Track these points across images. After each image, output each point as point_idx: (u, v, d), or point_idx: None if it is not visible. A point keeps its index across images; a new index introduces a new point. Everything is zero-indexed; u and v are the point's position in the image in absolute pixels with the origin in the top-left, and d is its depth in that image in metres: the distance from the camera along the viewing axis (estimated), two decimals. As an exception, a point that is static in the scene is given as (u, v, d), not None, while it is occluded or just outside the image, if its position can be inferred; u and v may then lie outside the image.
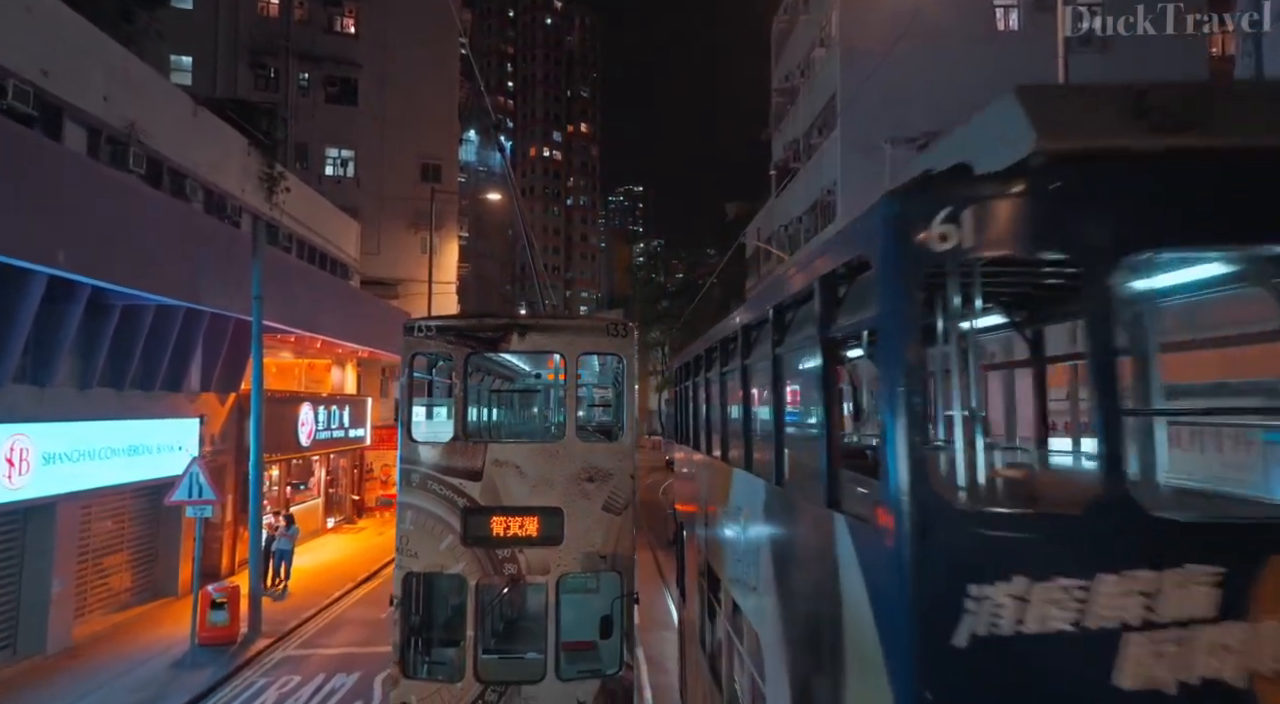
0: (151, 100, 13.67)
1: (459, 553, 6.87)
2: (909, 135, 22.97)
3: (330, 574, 16.96)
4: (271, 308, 15.93)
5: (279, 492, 19.60)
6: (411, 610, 7.21)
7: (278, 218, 19.05)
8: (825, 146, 24.69)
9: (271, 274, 16.14)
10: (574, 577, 7.15)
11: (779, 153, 30.46)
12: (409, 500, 6.97)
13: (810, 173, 26.44)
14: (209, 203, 15.71)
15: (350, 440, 23.27)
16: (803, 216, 27.26)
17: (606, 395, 13.43)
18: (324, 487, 22.79)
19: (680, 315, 58.71)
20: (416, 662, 7.38)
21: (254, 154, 17.76)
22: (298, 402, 19.25)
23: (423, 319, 7.65)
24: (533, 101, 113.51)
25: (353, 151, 29.42)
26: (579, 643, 7.52)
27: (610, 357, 8.57)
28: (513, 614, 9.60)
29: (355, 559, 18.77)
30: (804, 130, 27.20)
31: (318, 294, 19.27)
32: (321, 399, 20.98)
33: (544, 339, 7.52)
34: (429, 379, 9.08)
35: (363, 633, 12.85)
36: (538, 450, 7.47)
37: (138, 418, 12.93)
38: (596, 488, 7.02)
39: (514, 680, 6.92)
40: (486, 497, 6.92)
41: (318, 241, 22.26)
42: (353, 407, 23.40)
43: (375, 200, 29.42)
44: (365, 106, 29.55)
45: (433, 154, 30.44)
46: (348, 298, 21.78)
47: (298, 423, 19.11)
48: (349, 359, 24.55)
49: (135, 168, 12.56)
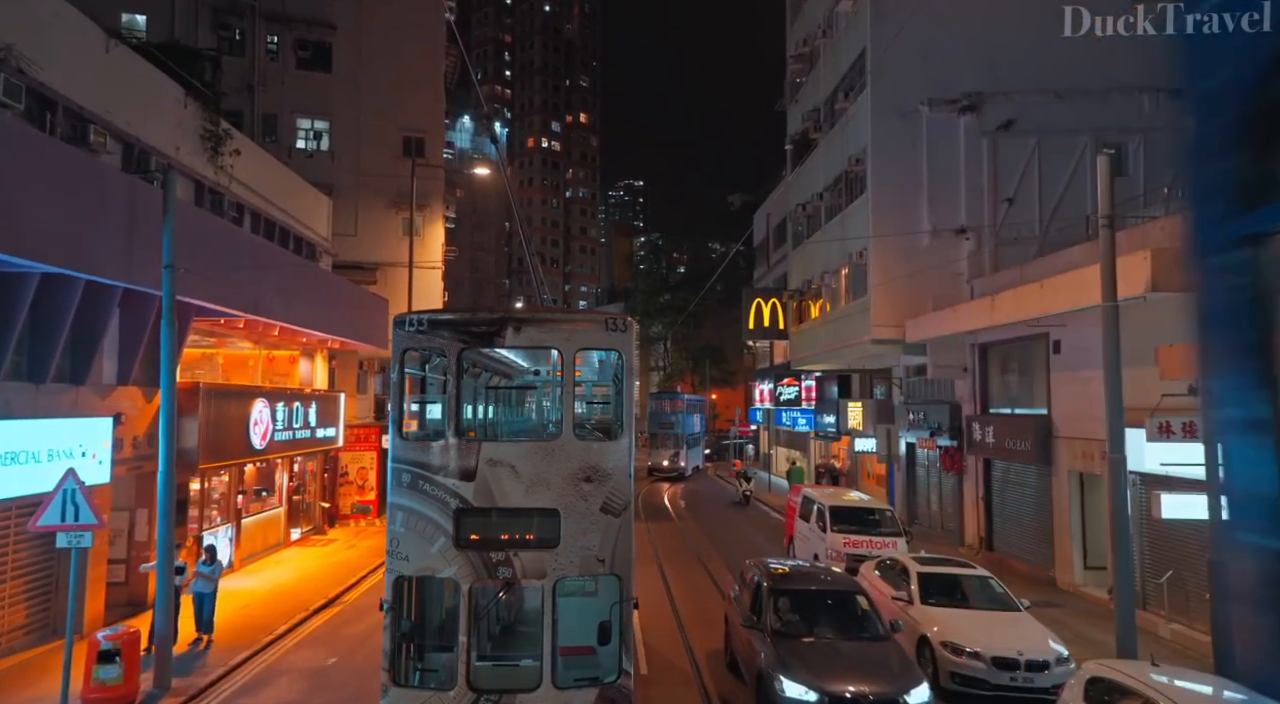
0: (42, 23, 11.01)
1: (451, 556, 6.70)
2: (949, 96, 20.37)
3: (280, 601, 14.34)
4: (207, 285, 13.35)
5: (228, 503, 16.98)
6: (402, 615, 7.00)
7: (224, 184, 16.39)
8: (852, 111, 22.02)
9: (207, 245, 13.53)
10: (571, 580, 6.98)
11: (796, 125, 27.78)
12: (400, 501, 6.78)
13: (833, 142, 23.76)
14: (130, 159, 13.06)
15: (318, 441, 20.64)
16: (824, 193, 24.60)
17: (605, 393, 12.77)
18: (287, 494, 20.16)
19: (684, 308, 56.38)
20: (407, 669, 7.18)
21: (192, 107, 15.10)
22: (250, 397, 16.63)
23: (415, 313, 7.29)
24: (530, 90, 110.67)
25: (327, 123, 26.72)
26: (577, 649, 7.36)
27: (609, 353, 8.24)
28: (508, 619, 9.19)
29: (316, 580, 16.15)
30: (826, 95, 24.50)
31: (274, 274, 16.64)
32: (282, 394, 18.35)
33: (540, 334, 7.35)
34: (422, 375, 8.53)
35: (300, 689, 10.22)
36: (534, 449, 7.16)
37: (20, 417, 10.32)
38: (594, 488, 6.83)
39: (509, 688, 6.74)
40: (480, 497, 6.76)
41: (279, 216, 19.59)
42: (321, 403, 20.76)
43: (352, 177, 26.74)
44: (340, 73, 26.84)
45: (416, 126, 27.75)
46: (314, 280, 19.12)
47: (250, 422, 16.49)
48: (319, 350, 21.92)
49: (8, 98, 9.91)
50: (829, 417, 29.09)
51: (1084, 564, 15.17)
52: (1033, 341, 16.81)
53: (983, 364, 19.19)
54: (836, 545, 15.19)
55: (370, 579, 16.72)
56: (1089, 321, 14.41)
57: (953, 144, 20.19)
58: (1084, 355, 14.94)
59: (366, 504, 24.59)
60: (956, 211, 20.14)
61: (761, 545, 21.01)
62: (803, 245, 27.64)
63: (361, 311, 22.21)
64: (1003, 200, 19.94)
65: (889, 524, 15.83)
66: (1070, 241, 17.47)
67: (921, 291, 20.03)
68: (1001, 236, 19.93)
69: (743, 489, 30.51)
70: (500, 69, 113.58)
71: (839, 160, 23.05)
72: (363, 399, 26.97)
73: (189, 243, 12.49)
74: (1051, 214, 19.76)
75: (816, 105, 25.60)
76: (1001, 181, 19.99)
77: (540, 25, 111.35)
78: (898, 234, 20.27)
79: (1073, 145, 19.78)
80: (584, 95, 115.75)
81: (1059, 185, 19.79)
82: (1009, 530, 18.09)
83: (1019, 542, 17.59)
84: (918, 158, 20.30)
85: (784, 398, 35.58)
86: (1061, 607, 13.57)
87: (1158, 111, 19.07)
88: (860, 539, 15.19)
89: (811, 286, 25.75)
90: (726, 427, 54.59)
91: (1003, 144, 20.03)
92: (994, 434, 17.77)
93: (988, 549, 18.78)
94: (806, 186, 26.26)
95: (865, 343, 20.85)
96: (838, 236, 23.29)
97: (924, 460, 23.02)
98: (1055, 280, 13.31)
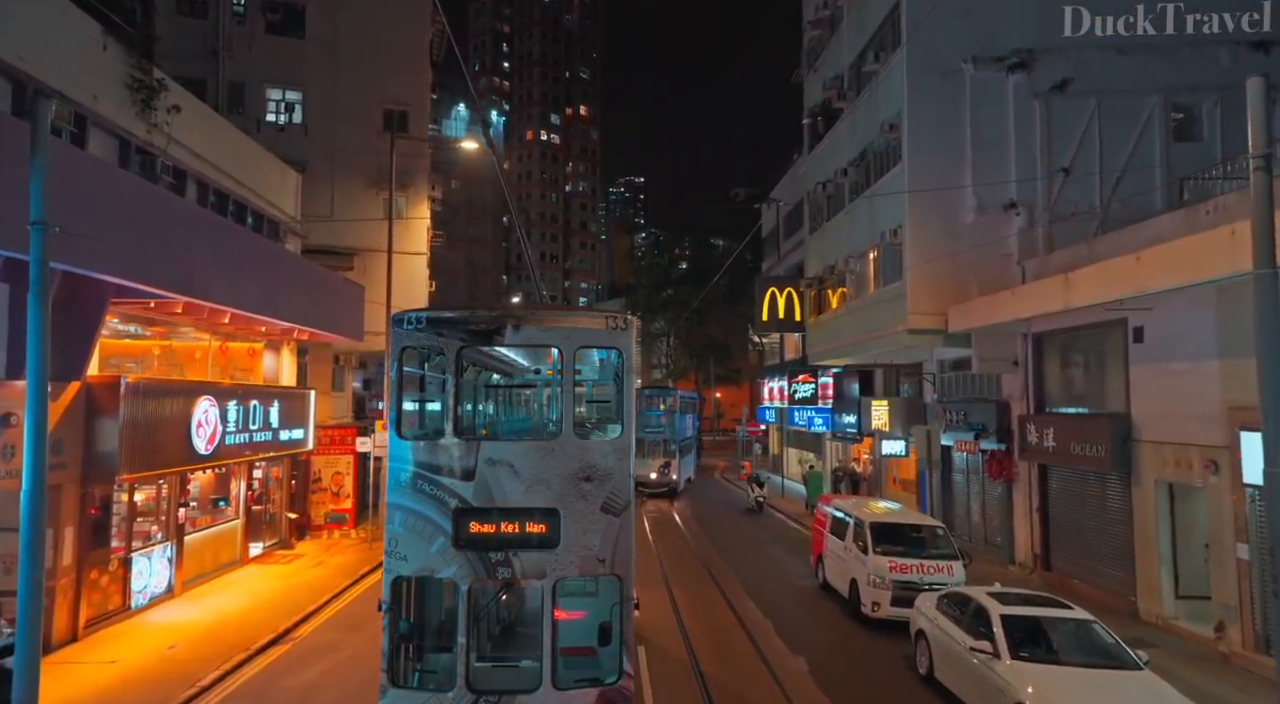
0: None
1: (450, 556, 6.66)
2: (996, 53, 17.95)
3: (218, 637, 11.94)
4: (127, 258, 11.00)
5: (168, 519, 14.59)
6: (400, 616, 6.92)
7: (160, 145, 14.01)
8: (884, 73, 19.59)
9: (127, 211, 11.16)
10: (571, 581, 6.94)
11: (815, 96, 25.34)
12: (398, 501, 6.75)
13: (861, 110, 21.34)
14: (21, 101, 10.67)
15: (282, 445, 18.25)
16: (848, 168, 22.18)
17: (605, 391, 11.90)
18: (246, 505, 17.77)
19: (687, 303, 54.02)
20: (406, 670, 7.15)
21: (115, 50, 12.71)
22: (193, 394, 14.25)
23: (414, 311, 7.09)
24: (529, 82, 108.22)
25: (300, 94, 24.31)
26: (577, 649, 7.38)
27: (609, 351, 8.07)
28: (507, 619, 9.15)
29: (268, 606, 13.77)
30: (852, 58, 22.08)
31: (220, 250, 14.27)
32: (235, 391, 15.97)
33: (540, 332, 7.33)
34: (420, 374, 8.26)
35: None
36: (533, 448, 7.05)
37: None
38: (595, 488, 6.80)
39: (508, 689, 6.71)
40: (480, 497, 6.73)
41: (233, 188, 17.19)
42: (286, 401, 18.38)
43: (328, 153, 24.36)
44: (315, 39, 24.45)
45: (398, 98, 25.35)
46: (271, 260, 16.75)
47: (192, 423, 14.12)
48: (284, 342, 19.53)
49: None
50: (848, 416, 26.68)
51: (1175, 592, 12.77)
52: (1104, 330, 14.42)
53: (1037, 357, 16.78)
54: (880, 570, 12.79)
55: (334, 606, 14.34)
56: (1182, 304, 12.02)
57: (1000, 107, 17.77)
58: (1175, 344, 12.55)
59: (342, 513, 22.21)
60: (1005, 184, 17.72)
61: (785, 563, 18.63)
62: (822, 228, 25.21)
63: (333, 299, 19.82)
64: (1057, 170, 17.53)
65: (942, 544, 13.43)
66: (1136, 217, 15.10)
67: (964, 275, 17.63)
68: (1056, 212, 17.52)
69: (754, 495, 28.11)
70: (498, 60, 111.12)
71: (868, 129, 20.62)
72: (339, 397, 24.60)
73: (99, 206, 10.17)
74: (1114, 186, 17.35)
75: (839, 71, 23.17)
76: (1056, 149, 17.58)
77: (539, 16, 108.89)
78: (938, 210, 17.86)
79: (1138, 107, 17.37)
80: (584, 87, 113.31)
81: (1122, 153, 17.38)
82: (1072, 548, 15.69)
83: (1085, 562, 15.20)
84: (960, 123, 17.88)
85: (799, 396, 33.15)
86: (1156, 646, 11.15)
87: (1237, 67, 16.65)
88: (909, 563, 12.79)
89: (835, 272, 23.33)
90: (732, 427, 52.22)
91: (1057, 107, 17.61)
92: (1054, 436, 15.37)
93: (1044, 568, 16.38)
94: (828, 162, 23.83)
95: (899, 333, 18.44)
96: (865, 215, 20.88)
97: (961, 465, 20.62)
98: (1158, 252, 10.88)
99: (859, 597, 13.28)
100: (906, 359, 22.56)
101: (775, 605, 14.46)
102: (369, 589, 15.61)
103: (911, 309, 17.91)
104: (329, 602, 14.55)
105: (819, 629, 13.12)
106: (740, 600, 14.75)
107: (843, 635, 12.75)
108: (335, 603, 14.60)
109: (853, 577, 13.64)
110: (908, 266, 17.96)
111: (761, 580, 16.57)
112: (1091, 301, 12.54)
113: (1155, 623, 12.79)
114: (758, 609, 14.18)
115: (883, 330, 19.46)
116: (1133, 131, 17.32)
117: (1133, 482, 13.55)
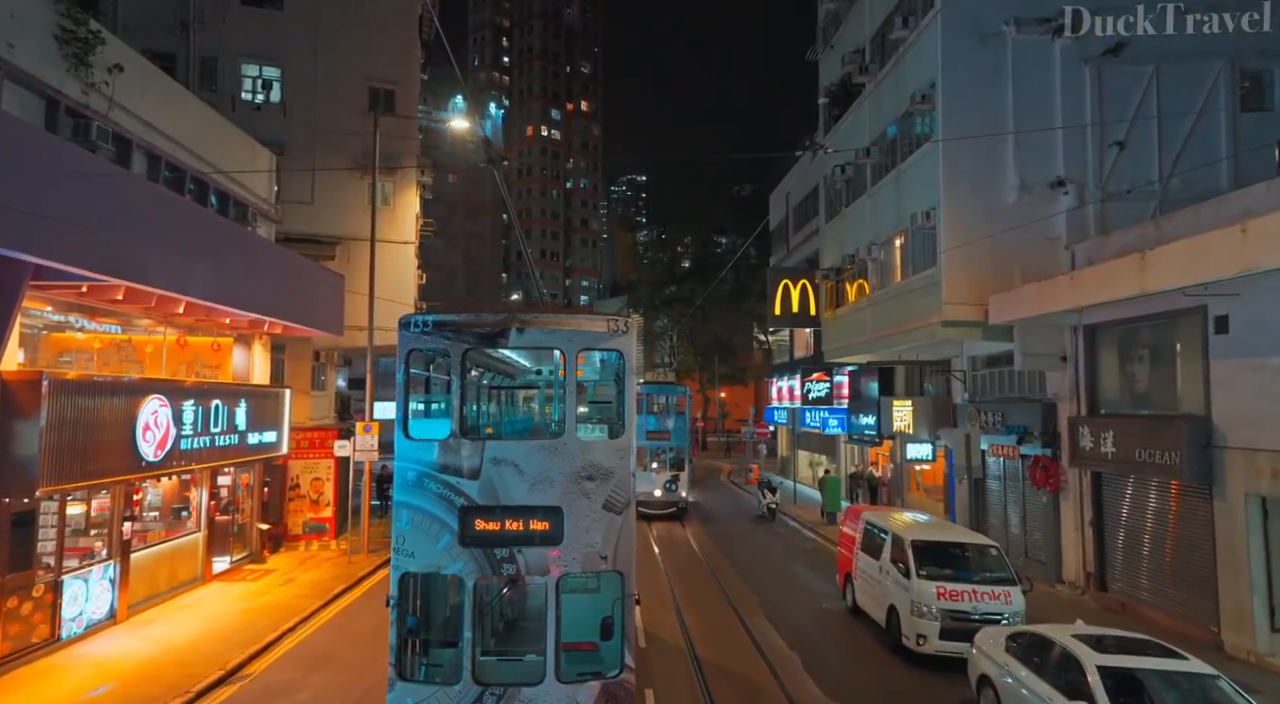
0: None
1: (456, 553, 6.81)
2: (1042, 14, 16.17)
3: (156, 677, 10.18)
4: (47, 233, 9.30)
5: (111, 534, 12.84)
6: (408, 611, 7.01)
7: (99, 109, 12.26)
8: (914, 39, 17.81)
9: (33, 173, 9.42)
10: (574, 577, 7.08)
11: (833, 73, 23.54)
12: (405, 499, 6.90)
13: (887, 83, 19.55)
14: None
15: (250, 449, 16.55)
16: (870, 148, 20.41)
17: (607, 391, 11.64)
18: (208, 516, 16.02)
19: (691, 300, 52.24)
20: (413, 663, 7.18)
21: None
22: (138, 393, 12.53)
23: (420, 314, 7.29)
24: (529, 77, 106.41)
25: (278, 70, 22.59)
26: (580, 644, 7.46)
27: (610, 353, 8.01)
28: (512, 615, 9.24)
29: (221, 635, 12.00)
30: (876, 28, 20.29)
31: (168, 230, 12.55)
32: (192, 390, 14.26)
33: (543, 335, 7.45)
34: (426, 376, 8.56)
35: None
36: (537, 448, 7.16)
37: None
38: (597, 486, 6.93)
39: (513, 682, 6.86)
40: (485, 495, 6.86)
41: (193, 164, 15.43)
42: (256, 401, 16.67)
43: (308, 134, 22.62)
44: (294, 11, 22.72)
45: (384, 76, 23.59)
46: (233, 243, 15.01)
47: (138, 426, 12.41)
48: (255, 336, 17.79)
49: None
50: (866, 417, 24.90)
51: (1271, 625, 10.98)
52: (1175, 320, 12.66)
53: (1090, 351, 15.00)
54: (927, 597, 11.01)
55: (298, 634, 12.58)
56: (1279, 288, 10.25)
57: (1046, 75, 16.00)
58: (1271, 335, 10.77)
59: (322, 523, 20.45)
60: (1052, 159, 15.97)
61: (806, 580, 16.85)
62: (840, 215, 23.43)
63: (307, 289, 18.09)
64: (1111, 145, 15.76)
65: (996, 566, 11.63)
66: (1198, 195, 13.35)
67: (1005, 261, 15.88)
68: (1109, 190, 15.75)
69: (766, 502, 26.32)
70: (498, 55, 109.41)
71: (896, 102, 18.84)
72: (320, 396, 22.86)
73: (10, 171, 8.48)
74: (1174, 161, 15.57)
75: (860, 44, 21.38)
76: (1109, 121, 15.81)
77: (539, 10, 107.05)
78: (976, 190, 16.10)
79: (1201, 74, 15.61)
80: (585, 83, 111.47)
81: (1184, 125, 15.60)
82: (1134, 568, 13.91)
83: (1151, 584, 13.43)
84: (1001, 92, 16.11)
85: (812, 395, 31.35)
86: (1258, 692, 9.34)
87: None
88: (959, 590, 11.01)
89: (855, 261, 21.54)
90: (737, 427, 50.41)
91: (1110, 74, 15.84)
92: (1113, 441, 13.59)
93: (1099, 589, 14.61)
94: (848, 143, 22.04)
95: (932, 326, 16.67)
96: (891, 198, 19.10)
97: (997, 471, 18.84)
98: (1268, 223, 9.09)
99: (899, 626, 11.51)
100: (933, 355, 20.79)
101: (801, 634, 12.70)
102: (339, 614, 13.87)
103: (947, 299, 16.15)
104: (293, 629, 12.80)
105: (855, 665, 11.35)
106: (760, 627, 12.99)
107: (883, 674, 10.97)
108: (300, 630, 12.85)
109: (891, 602, 11.87)
110: (943, 251, 16.18)
111: (783, 601, 14.81)
112: (1176, 285, 10.77)
113: (1246, 659, 11.01)
114: (780, 638, 12.42)
115: (913, 323, 17.68)
116: (1195, 101, 15.56)
117: (1215, 494, 11.77)
